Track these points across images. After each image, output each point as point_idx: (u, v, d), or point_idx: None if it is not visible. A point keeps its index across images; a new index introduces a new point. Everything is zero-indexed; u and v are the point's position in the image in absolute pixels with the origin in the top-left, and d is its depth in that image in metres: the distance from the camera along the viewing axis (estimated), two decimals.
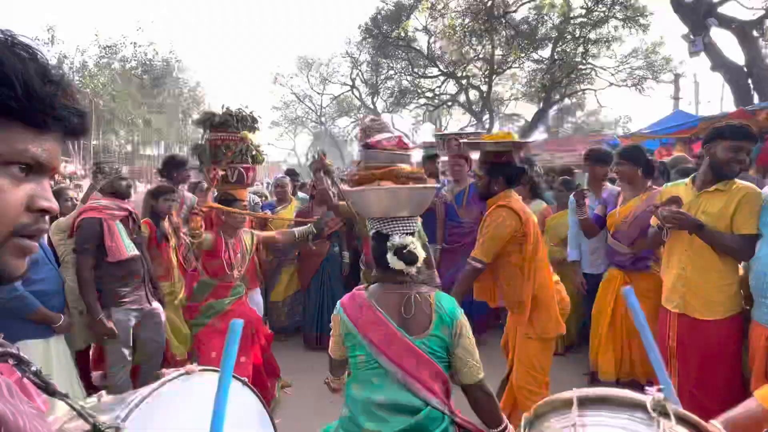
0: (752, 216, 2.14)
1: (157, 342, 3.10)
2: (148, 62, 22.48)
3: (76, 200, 3.51)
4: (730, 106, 12.93)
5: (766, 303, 2.05)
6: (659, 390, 0.89)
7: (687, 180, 2.45)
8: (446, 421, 1.47)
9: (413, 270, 1.59)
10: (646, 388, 0.94)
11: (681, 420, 0.91)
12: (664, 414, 0.93)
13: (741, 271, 2.26)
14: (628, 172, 3.01)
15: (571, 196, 3.41)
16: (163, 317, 3.13)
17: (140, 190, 8.45)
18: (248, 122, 3.14)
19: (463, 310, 1.62)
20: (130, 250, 2.88)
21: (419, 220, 1.74)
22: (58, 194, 3.41)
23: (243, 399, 1.50)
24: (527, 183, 3.82)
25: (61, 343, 2.65)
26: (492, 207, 2.46)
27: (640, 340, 2.80)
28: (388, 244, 1.59)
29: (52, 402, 0.66)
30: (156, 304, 3.05)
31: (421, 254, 1.60)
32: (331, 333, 1.70)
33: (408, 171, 1.78)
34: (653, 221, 2.50)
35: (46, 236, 3.22)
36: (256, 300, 3.88)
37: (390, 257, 1.57)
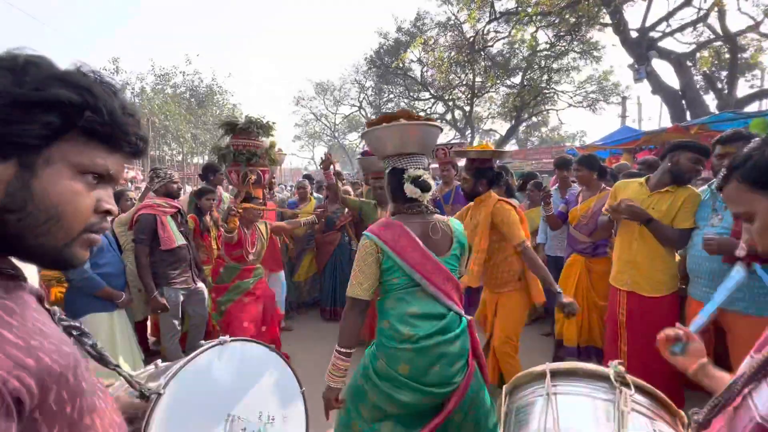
0: (691, 214, 2.13)
1: (201, 315, 3.08)
2: (194, 88, 22.40)
3: (135, 200, 3.49)
4: (666, 122, 12.88)
5: (700, 282, 2.05)
6: (620, 363, 0.85)
7: (640, 180, 2.39)
8: (463, 321, 1.50)
9: (428, 197, 1.53)
10: (610, 362, 0.91)
11: (639, 389, 0.87)
12: (625, 384, 0.89)
13: (677, 257, 2.24)
14: (585, 176, 3.02)
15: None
16: (206, 294, 3.11)
17: (188, 191, 8.46)
18: (266, 129, 2.95)
19: None
20: (179, 240, 2.86)
21: (426, 161, 1.61)
22: (120, 195, 3.39)
23: (278, 369, 1.46)
24: (503, 185, 3.77)
25: (122, 316, 2.63)
26: (479, 203, 2.43)
27: (598, 312, 2.81)
28: (405, 175, 1.51)
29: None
30: (200, 284, 3.04)
31: (433, 184, 1.55)
32: (358, 267, 1.48)
33: (416, 114, 1.62)
34: (604, 210, 2.49)
35: (107, 227, 3.21)
36: (280, 280, 3.82)
37: (407, 186, 1.50)
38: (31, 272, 2.14)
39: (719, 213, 2.00)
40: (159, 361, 1.32)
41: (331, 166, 3.49)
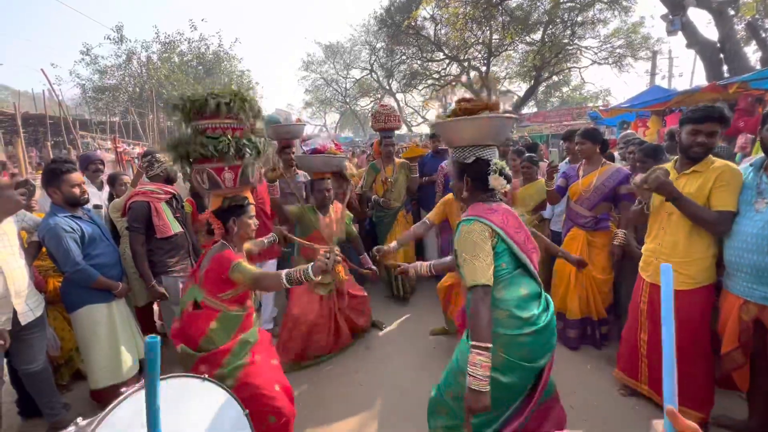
0: (729, 194, 1.84)
1: None
2: (201, 55, 21.79)
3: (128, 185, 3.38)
4: (700, 79, 11.87)
5: (740, 276, 1.83)
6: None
7: (671, 162, 2.14)
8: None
9: (508, 187, 1.60)
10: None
11: None
12: None
13: (711, 248, 1.97)
14: (588, 149, 2.92)
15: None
16: None
17: None
18: (251, 105, 1.91)
19: None
20: (175, 227, 2.77)
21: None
22: (114, 179, 3.28)
23: (217, 397, 1.43)
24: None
25: (121, 305, 2.59)
26: None
27: (597, 285, 2.70)
28: (492, 167, 1.54)
29: None
30: None
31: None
32: (475, 253, 1.40)
33: (490, 104, 1.57)
34: (633, 183, 2.16)
35: (104, 215, 3.13)
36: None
37: (494, 177, 1.54)
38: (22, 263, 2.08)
39: (765, 196, 1.74)
40: (80, 419, 1.23)
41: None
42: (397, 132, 4.51)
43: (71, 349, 2.79)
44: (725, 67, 8.89)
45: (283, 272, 1.74)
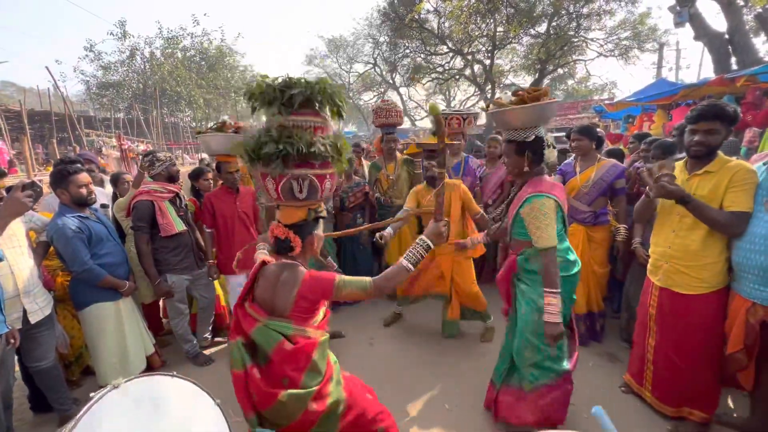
0: (744, 194, 1.78)
1: (207, 298, 3.09)
2: (204, 51, 21.77)
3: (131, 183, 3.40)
4: (708, 71, 11.70)
5: (748, 278, 1.79)
6: None
7: (681, 162, 2.09)
8: None
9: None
10: None
11: None
12: None
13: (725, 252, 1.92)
14: (585, 146, 2.97)
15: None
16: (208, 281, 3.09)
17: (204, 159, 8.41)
18: (336, 98, 1.50)
19: None
20: (179, 225, 2.80)
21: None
22: (117, 178, 3.31)
23: (187, 393, 1.49)
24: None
25: (128, 303, 2.64)
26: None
27: (596, 279, 2.82)
28: (546, 143, 1.86)
29: None
30: (204, 269, 3.01)
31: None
32: (544, 224, 1.82)
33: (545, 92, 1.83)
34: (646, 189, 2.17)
35: (111, 215, 3.16)
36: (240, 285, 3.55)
37: (548, 151, 1.95)
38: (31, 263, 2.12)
39: None
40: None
41: None
42: (399, 127, 4.49)
43: (81, 346, 2.84)
44: (733, 59, 8.75)
45: (403, 260, 1.49)
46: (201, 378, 2.88)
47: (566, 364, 1.99)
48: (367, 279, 1.46)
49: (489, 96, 18.01)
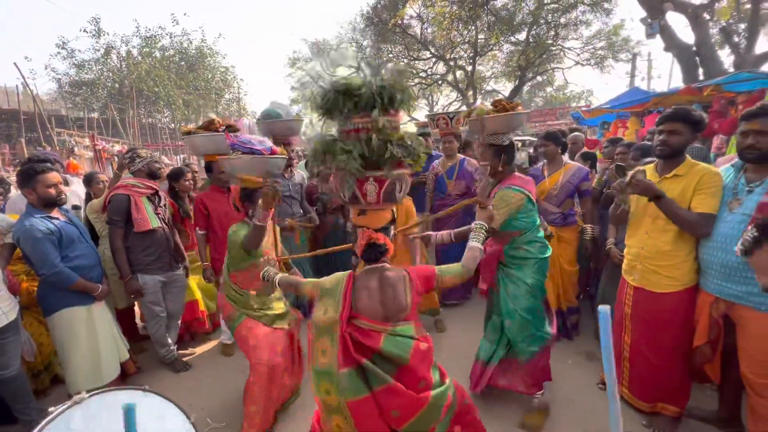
0: (710, 197, 1.86)
1: (178, 305, 3.00)
2: (183, 51, 21.32)
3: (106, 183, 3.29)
4: (678, 81, 12.26)
5: (712, 274, 1.88)
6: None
7: (653, 164, 2.17)
8: None
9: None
10: None
11: None
12: None
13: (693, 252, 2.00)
14: (551, 151, 3.12)
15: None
16: (185, 283, 3.02)
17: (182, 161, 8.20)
18: (406, 99, 1.47)
19: None
20: (154, 222, 2.72)
21: None
22: (91, 178, 3.20)
23: (157, 410, 1.38)
24: None
25: (101, 307, 2.53)
26: None
27: (567, 276, 2.91)
28: (517, 146, 2.16)
29: None
30: (179, 271, 2.93)
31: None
32: (507, 211, 2.08)
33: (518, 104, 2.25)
34: (612, 188, 2.33)
35: (83, 216, 3.05)
36: None
37: (520, 154, 2.02)
38: None
39: (740, 197, 1.80)
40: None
41: None
42: None
43: (50, 354, 2.71)
44: (701, 70, 9.19)
45: (473, 242, 1.60)
46: (180, 384, 2.81)
47: (550, 328, 2.27)
48: (458, 264, 1.56)
49: (471, 101, 18.30)
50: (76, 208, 3.01)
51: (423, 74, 20.47)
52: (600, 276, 3.12)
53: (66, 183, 3.40)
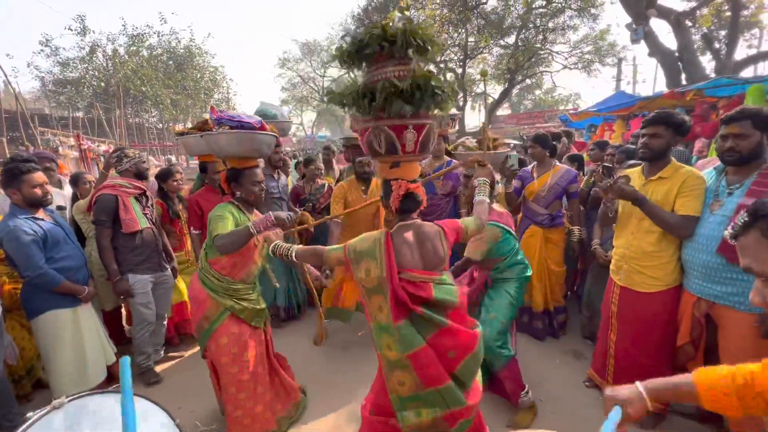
0: (693, 199, 1.91)
1: (165, 306, 2.96)
2: (172, 50, 21.02)
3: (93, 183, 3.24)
4: (661, 85, 12.58)
5: (694, 274, 1.93)
6: None
7: (640, 168, 2.22)
8: None
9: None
10: None
11: None
12: None
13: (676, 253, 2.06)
14: (539, 153, 3.14)
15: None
16: (172, 283, 2.97)
17: (172, 162, 8.08)
18: (431, 46, 1.46)
19: None
20: (142, 222, 2.68)
21: None
22: (77, 178, 3.14)
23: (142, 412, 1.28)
24: None
25: (88, 310, 2.49)
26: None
27: (554, 277, 2.99)
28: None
29: None
30: (168, 272, 2.89)
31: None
32: (483, 246, 2.19)
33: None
34: (594, 191, 2.51)
35: (69, 216, 2.99)
36: None
37: (509, 158, 2.54)
38: None
39: (721, 199, 1.85)
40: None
41: None
42: None
43: (32, 358, 2.65)
44: (683, 75, 9.43)
45: (480, 196, 1.78)
46: (168, 387, 2.77)
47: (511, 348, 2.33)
48: (474, 217, 1.67)
49: (461, 104, 18.45)
50: (60, 208, 2.96)
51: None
52: (586, 276, 3.19)
53: (60, 185, 3.33)
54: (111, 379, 2.60)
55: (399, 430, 1.48)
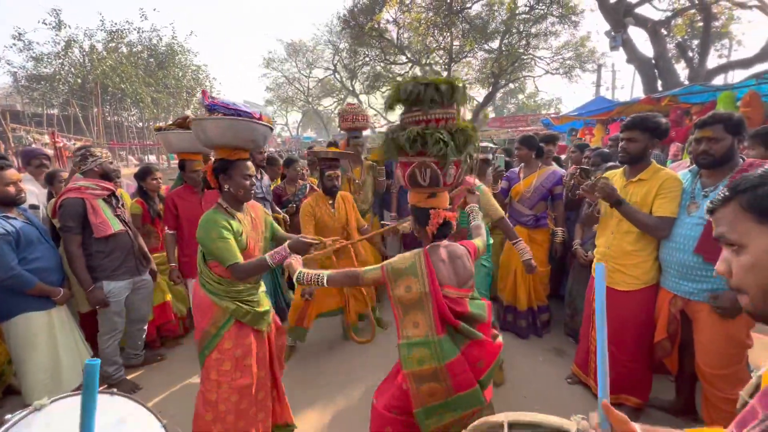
0: (669, 201, 1.98)
1: (145, 310, 2.84)
2: (153, 47, 20.49)
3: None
4: (639, 91, 13.01)
5: (671, 273, 2.01)
6: (583, 418, 0.79)
7: (622, 169, 2.27)
8: None
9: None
10: (572, 416, 0.85)
11: None
12: None
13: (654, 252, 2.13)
14: (525, 155, 3.19)
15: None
16: (152, 287, 2.87)
17: (152, 161, 7.87)
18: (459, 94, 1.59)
19: None
20: (115, 225, 2.52)
21: None
22: (53, 176, 3.03)
23: (127, 415, 1.30)
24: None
25: (63, 312, 2.41)
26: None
27: (538, 278, 3.02)
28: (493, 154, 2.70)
29: None
30: (146, 276, 2.78)
31: None
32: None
33: None
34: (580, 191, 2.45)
35: (43, 215, 2.89)
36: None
37: (495, 160, 2.68)
38: None
39: (697, 201, 1.93)
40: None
41: None
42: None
43: (3, 363, 2.54)
44: (659, 82, 9.77)
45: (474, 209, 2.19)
46: (149, 391, 2.69)
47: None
48: (478, 239, 1.84)
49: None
50: (33, 207, 2.84)
51: (399, 78, 20.69)
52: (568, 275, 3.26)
53: (51, 181, 3.17)
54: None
55: (417, 427, 1.55)
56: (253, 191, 1.90)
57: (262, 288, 2.05)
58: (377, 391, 1.74)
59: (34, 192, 3.02)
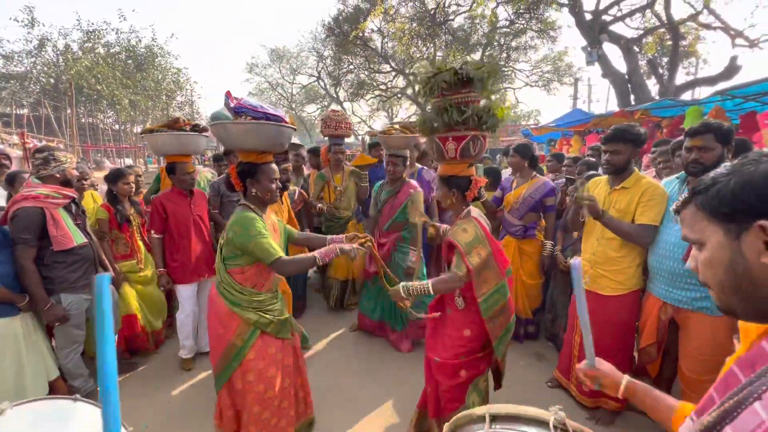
0: (651, 209, 2.01)
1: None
2: (131, 48, 20.03)
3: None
4: (613, 105, 13.58)
5: (660, 280, 2.02)
6: (560, 409, 0.82)
7: (606, 177, 2.30)
8: None
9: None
10: (550, 407, 0.88)
11: None
12: (564, 430, 0.85)
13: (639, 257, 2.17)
14: (517, 163, 3.15)
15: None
16: (116, 297, 2.74)
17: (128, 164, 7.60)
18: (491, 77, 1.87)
19: None
20: (78, 238, 2.32)
21: None
22: (15, 177, 2.88)
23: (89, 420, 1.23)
24: None
25: (29, 319, 2.26)
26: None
27: (525, 289, 3.02)
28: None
29: None
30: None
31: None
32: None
33: None
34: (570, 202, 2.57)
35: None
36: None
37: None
38: None
39: None
40: None
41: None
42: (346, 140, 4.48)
43: None
44: (632, 96, 10.22)
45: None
46: (123, 401, 2.56)
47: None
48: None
49: None
50: None
51: (383, 87, 20.87)
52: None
53: (12, 182, 3.00)
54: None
55: (483, 360, 1.90)
56: (278, 193, 1.91)
57: (281, 297, 2.03)
58: (428, 349, 1.96)
59: (2, 194, 2.87)
